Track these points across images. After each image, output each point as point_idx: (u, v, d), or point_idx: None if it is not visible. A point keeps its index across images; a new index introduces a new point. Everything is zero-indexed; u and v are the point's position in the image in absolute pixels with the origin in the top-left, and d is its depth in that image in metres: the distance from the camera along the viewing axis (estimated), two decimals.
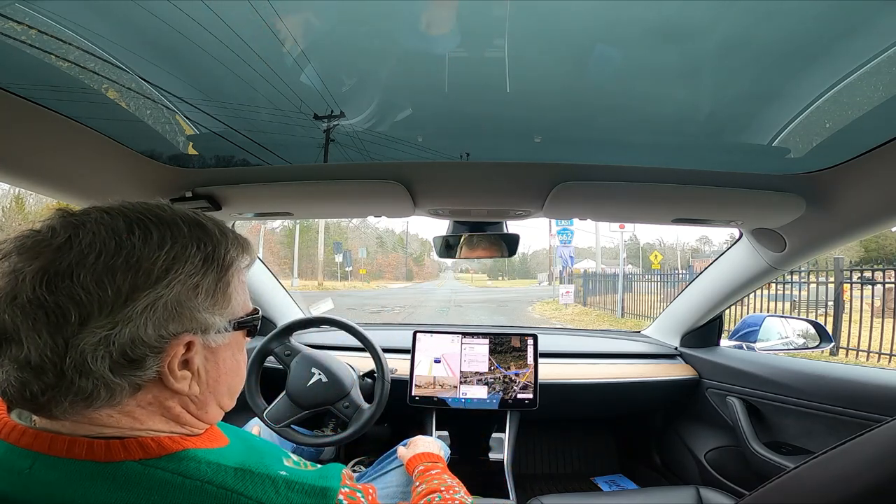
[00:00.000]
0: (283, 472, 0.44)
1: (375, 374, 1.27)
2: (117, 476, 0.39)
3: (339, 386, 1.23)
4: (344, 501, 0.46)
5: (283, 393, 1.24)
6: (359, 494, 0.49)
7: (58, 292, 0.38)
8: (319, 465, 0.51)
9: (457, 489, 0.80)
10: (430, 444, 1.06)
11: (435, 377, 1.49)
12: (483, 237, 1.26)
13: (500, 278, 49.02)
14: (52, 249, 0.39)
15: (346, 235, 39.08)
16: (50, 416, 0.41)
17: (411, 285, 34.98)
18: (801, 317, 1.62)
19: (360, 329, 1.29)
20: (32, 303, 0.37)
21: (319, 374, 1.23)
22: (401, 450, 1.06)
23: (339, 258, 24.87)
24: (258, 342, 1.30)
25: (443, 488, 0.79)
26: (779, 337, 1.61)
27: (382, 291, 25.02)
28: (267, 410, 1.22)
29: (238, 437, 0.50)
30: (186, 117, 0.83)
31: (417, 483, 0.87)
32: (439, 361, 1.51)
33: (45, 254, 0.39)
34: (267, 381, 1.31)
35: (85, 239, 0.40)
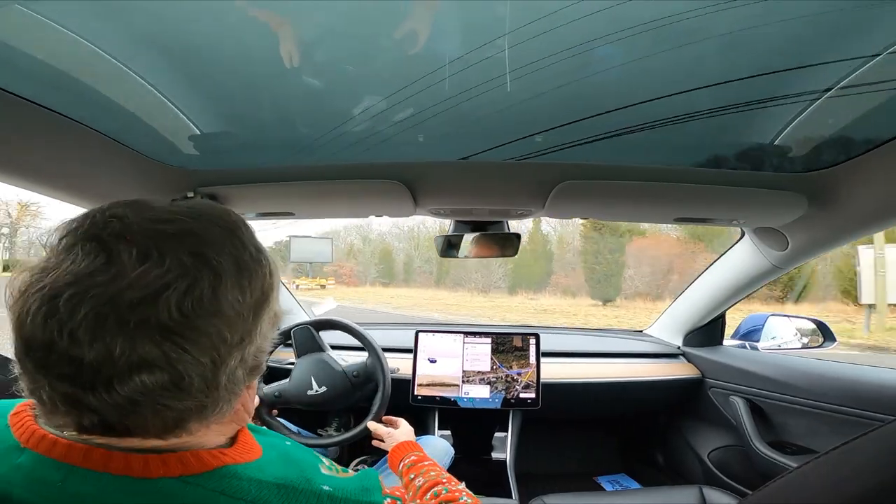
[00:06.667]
0: (326, 487, 0.43)
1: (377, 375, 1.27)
2: (154, 493, 0.37)
3: (339, 391, 1.23)
4: None
5: (286, 381, 1.25)
6: (398, 503, 0.49)
7: (209, 315, 0.37)
8: (353, 472, 0.50)
9: (456, 481, 0.78)
10: (410, 433, 1.07)
11: (437, 377, 1.49)
12: (485, 237, 1.26)
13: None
14: (173, 275, 0.36)
15: None
16: (177, 436, 0.39)
17: None
18: (804, 315, 1.61)
19: (360, 329, 1.29)
20: (186, 328, 0.36)
21: (319, 388, 1.23)
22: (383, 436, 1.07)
23: None
24: None
25: (444, 480, 0.76)
26: (782, 336, 1.61)
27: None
28: (263, 393, 1.23)
29: (269, 442, 0.48)
30: (188, 118, 0.83)
31: (411, 475, 0.82)
32: (440, 361, 1.51)
33: (153, 281, 0.35)
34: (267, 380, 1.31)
35: (218, 255, 0.38)
